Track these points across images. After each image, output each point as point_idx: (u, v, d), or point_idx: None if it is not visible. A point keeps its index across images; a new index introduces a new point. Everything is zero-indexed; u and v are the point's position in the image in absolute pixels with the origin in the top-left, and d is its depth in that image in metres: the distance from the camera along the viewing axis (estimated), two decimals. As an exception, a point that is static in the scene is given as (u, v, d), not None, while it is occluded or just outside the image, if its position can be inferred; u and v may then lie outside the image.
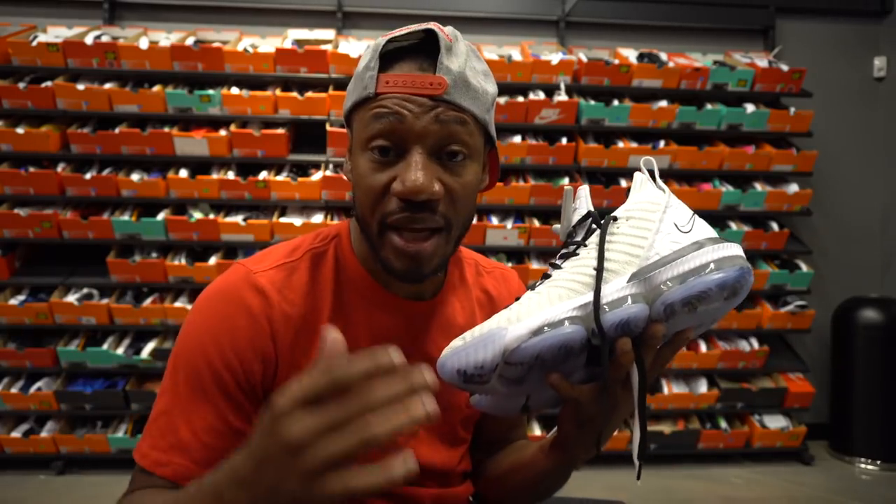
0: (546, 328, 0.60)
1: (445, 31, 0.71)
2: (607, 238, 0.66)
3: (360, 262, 0.82)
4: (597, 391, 0.65)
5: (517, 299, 0.66)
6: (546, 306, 0.62)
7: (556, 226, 0.71)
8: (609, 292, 0.62)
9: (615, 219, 0.67)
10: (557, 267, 0.67)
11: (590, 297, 0.62)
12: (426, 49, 0.71)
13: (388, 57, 0.72)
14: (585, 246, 0.67)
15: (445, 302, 0.87)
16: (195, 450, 0.71)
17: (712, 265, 0.61)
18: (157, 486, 0.71)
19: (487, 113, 0.75)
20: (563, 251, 0.68)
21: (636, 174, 0.72)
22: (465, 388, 0.64)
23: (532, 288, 0.67)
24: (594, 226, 0.68)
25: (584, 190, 0.70)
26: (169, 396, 0.74)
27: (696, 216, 0.68)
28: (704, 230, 0.66)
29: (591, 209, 0.69)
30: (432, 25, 0.71)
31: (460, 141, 0.71)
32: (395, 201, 0.70)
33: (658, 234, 0.65)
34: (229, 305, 0.75)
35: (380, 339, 0.80)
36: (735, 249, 0.63)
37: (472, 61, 0.73)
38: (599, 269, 0.62)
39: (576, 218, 0.69)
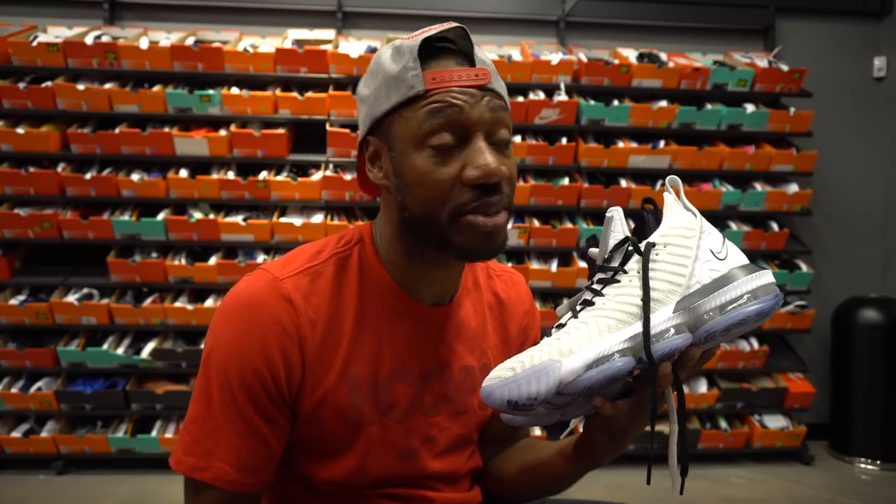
0: (600, 361, 0.63)
1: (461, 27, 0.76)
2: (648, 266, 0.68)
3: (385, 266, 0.82)
4: (632, 406, 0.69)
5: (559, 326, 0.68)
6: (596, 338, 0.65)
7: (593, 249, 0.73)
8: (656, 323, 0.65)
9: (653, 245, 0.69)
10: (599, 294, 0.69)
11: (638, 327, 0.65)
12: (454, 46, 0.76)
13: (423, 56, 0.73)
14: (626, 272, 0.69)
15: (460, 306, 0.87)
16: (230, 453, 0.73)
17: (750, 295, 0.66)
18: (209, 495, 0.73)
19: (509, 103, 0.79)
20: (602, 276, 0.70)
21: (665, 196, 0.74)
22: (509, 413, 0.67)
23: (575, 314, 0.68)
24: (632, 250, 0.70)
25: (619, 213, 0.71)
26: (202, 403, 0.75)
27: (726, 239, 0.72)
28: (737, 256, 0.71)
29: (629, 234, 0.71)
30: (455, 25, 0.75)
31: (507, 125, 0.76)
32: (468, 190, 0.72)
33: (697, 262, 0.68)
34: (256, 313, 0.74)
35: (400, 344, 0.81)
36: (768, 277, 0.68)
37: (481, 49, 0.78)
38: (646, 300, 0.65)
39: (612, 242, 0.70)
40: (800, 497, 2.68)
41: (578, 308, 0.69)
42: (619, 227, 0.71)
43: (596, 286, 0.70)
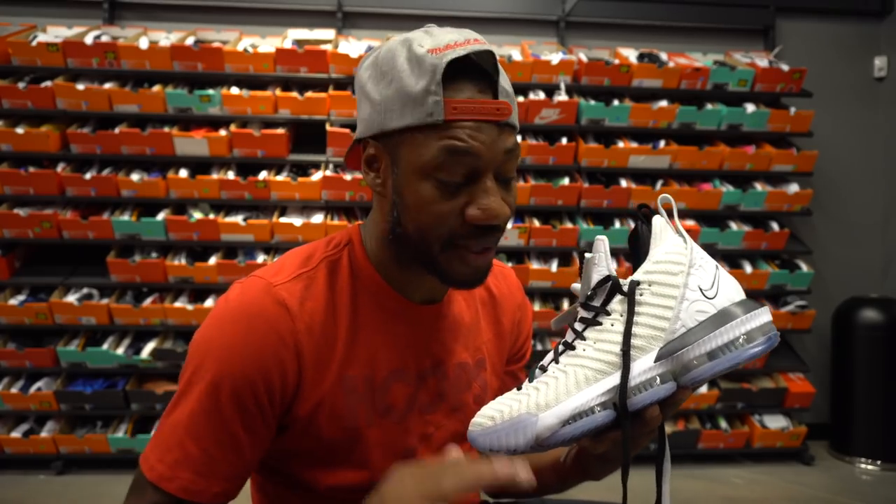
0: (577, 417, 0.61)
1: (487, 45, 0.72)
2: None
3: (375, 267, 0.81)
4: (618, 441, 0.66)
5: (542, 368, 0.67)
6: (574, 391, 0.63)
7: (575, 285, 0.69)
8: (637, 373, 0.62)
9: (638, 284, 0.65)
10: (580, 336, 0.66)
11: (616, 379, 0.62)
12: (479, 67, 0.72)
13: (446, 77, 0.69)
14: (608, 314, 0.65)
15: (452, 302, 0.88)
16: (203, 463, 0.71)
17: (742, 339, 0.61)
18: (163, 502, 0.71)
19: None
20: (584, 315, 0.67)
21: (655, 219, 0.68)
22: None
23: (556, 359, 0.66)
24: (615, 290, 0.66)
25: (604, 245, 0.67)
26: (181, 409, 0.73)
27: (718, 270, 0.67)
28: (729, 292, 0.65)
29: (612, 272, 0.66)
30: (480, 43, 0.71)
31: (515, 163, 0.75)
32: (467, 226, 0.72)
33: (683, 303, 0.63)
34: (252, 321, 0.73)
35: (395, 344, 0.81)
36: (763, 317, 0.62)
37: (504, 74, 0.74)
38: (626, 351, 0.62)
39: (595, 277, 0.66)
40: (800, 497, 2.68)
41: (560, 349, 0.67)
42: (603, 261, 0.66)
43: (578, 326, 0.67)
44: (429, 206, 0.71)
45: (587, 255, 0.68)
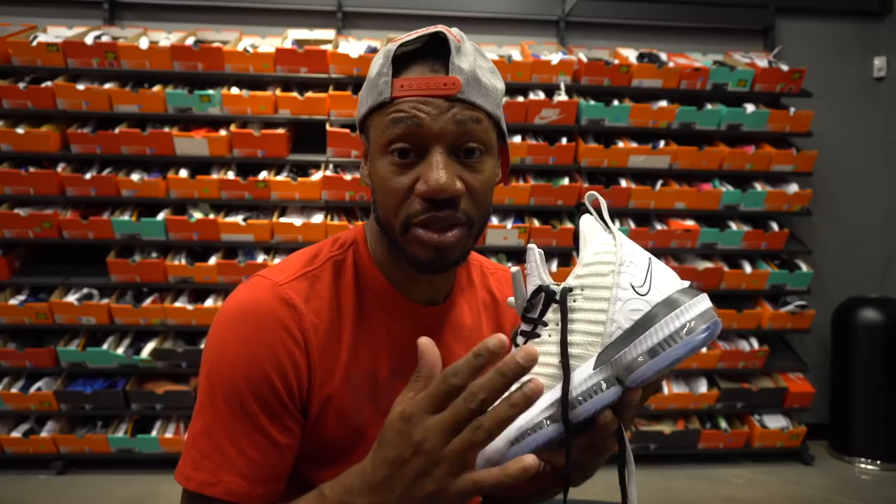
0: (525, 435, 0.58)
1: (453, 33, 0.73)
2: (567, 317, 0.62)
3: (378, 267, 0.82)
4: (589, 442, 0.64)
5: None
6: None
7: (510, 299, 0.67)
8: (578, 382, 0.59)
9: (570, 290, 0.62)
10: None
11: (558, 392, 0.59)
12: (436, 51, 0.73)
13: (400, 61, 0.72)
14: (545, 325, 0.63)
15: (455, 304, 0.88)
16: (242, 465, 0.71)
17: (683, 330, 0.57)
18: None
19: (498, 108, 0.76)
20: (523, 328, 0.64)
21: (584, 218, 0.66)
22: None
23: None
24: (549, 300, 0.63)
25: (535, 253, 0.64)
26: (208, 416, 0.72)
27: (651, 261, 0.63)
28: (662, 285, 0.61)
29: (543, 282, 0.63)
30: (440, 28, 0.73)
31: (477, 138, 0.72)
32: (418, 202, 0.71)
33: (616, 304, 0.61)
34: (261, 320, 0.74)
35: (398, 344, 0.81)
36: (701, 304, 0.59)
37: (480, 60, 0.75)
38: (565, 363, 0.60)
39: (530, 289, 0.64)
40: (800, 497, 2.68)
41: None
42: (535, 270, 0.63)
43: (519, 341, 0.64)
44: (385, 184, 0.73)
45: (515, 268, 0.66)
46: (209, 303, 2.79)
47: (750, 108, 3.04)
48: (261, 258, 2.85)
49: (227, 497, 0.70)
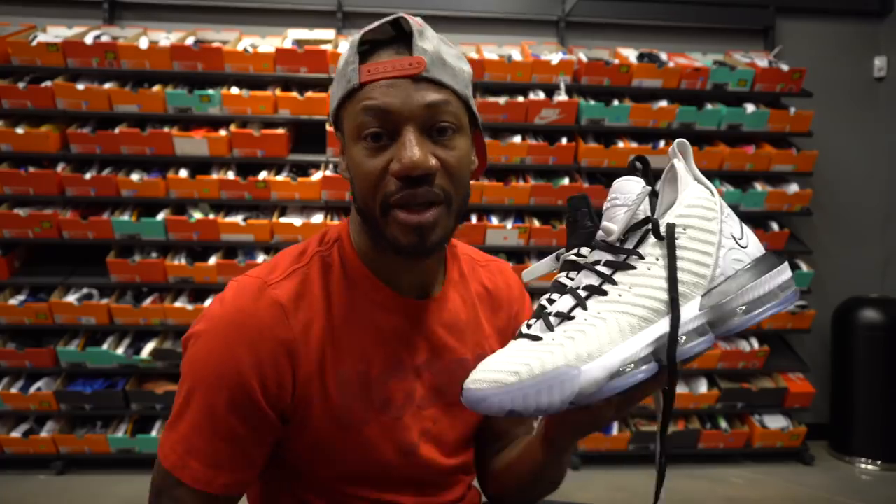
0: (626, 368, 0.56)
1: (415, 19, 0.75)
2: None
3: (363, 261, 0.82)
4: (619, 404, 0.63)
5: (558, 314, 0.61)
6: (618, 340, 0.58)
7: (608, 224, 0.64)
8: (685, 321, 0.58)
9: (674, 227, 0.61)
10: (609, 280, 0.61)
11: (663, 327, 0.59)
12: (399, 39, 0.75)
13: (366, 51, 0.75)
14: (642, 258, 0.61)
15: (447, 298, 0.87)
16: (207, 455, 0.73)
17: (775, 291, 0.60)
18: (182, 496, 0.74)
19: (467, 89, 0.77)
20: (610, 258, 0.62)
21: (675, 163, 0.66)
22: (498, 417, 0.60)
23: (583, 305, 0.61)
24: (651, 235, 0.62)
25: (639, 186, 0.64)
26: (183, 403, 0.75)
27: (741, 222, 0.66)
28: (756, 243, 0.64)
29: (651, 216, 0.62)
30: (401, 14, 0.75)
31: (447, 117, 0.73)
32: (393, 182, 0.72)
33: (721, 250, 0.61)
34: (248, 325, 0.74)
35: (387, 338, 0.81)
36: (788, 271, 0.62)
37: (444, 45, 0.76)
38: (675, 298, 0.58)
39: (625, 219, 0.62)
40: (800, 497, 2.68)
41: (583, 294, 0.61)
42: (636, 203, 0.63)
43: (604, 269, 0.62)
44: (361, 169, 0.73)
45: (625, 182, 0.66)
46: (209, 303, 2.79)
47: (750, 108, 3.04)
48: (261, 258, 2.85)
49: (192, 484, 0.73)
